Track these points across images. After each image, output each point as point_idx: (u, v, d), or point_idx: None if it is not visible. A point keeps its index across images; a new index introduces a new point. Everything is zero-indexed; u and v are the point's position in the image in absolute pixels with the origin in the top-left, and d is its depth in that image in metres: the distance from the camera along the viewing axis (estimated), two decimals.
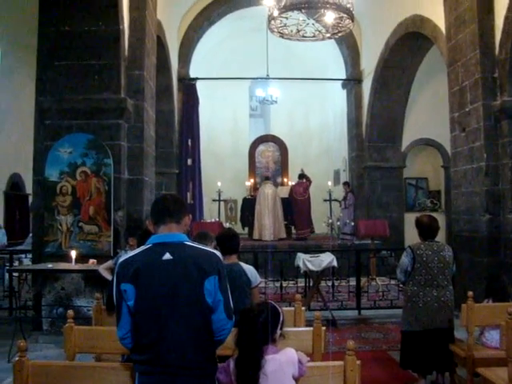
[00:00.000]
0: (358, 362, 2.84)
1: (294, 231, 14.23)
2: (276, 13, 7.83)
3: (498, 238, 7.65)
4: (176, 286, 2.58)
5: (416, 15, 10.52)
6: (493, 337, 4.82)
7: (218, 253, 2.76)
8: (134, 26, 8.05)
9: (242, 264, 4.55)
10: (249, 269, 4.53)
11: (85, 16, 7.49)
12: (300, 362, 2.77)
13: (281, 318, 2.89)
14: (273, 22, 8.09)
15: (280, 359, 2.75)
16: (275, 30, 8.34)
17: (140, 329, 2.61)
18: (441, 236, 5.41)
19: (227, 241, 4.53)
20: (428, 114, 13.16)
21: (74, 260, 6.74)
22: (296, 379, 2.77)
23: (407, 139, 13.97)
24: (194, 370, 2.58)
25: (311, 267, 8.33)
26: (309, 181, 14.13)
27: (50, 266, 6.75)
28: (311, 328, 3.64)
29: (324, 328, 3.66)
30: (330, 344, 5.89)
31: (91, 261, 6.93)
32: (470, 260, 7.86)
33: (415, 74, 12.93)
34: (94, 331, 3.80)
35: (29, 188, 12.09)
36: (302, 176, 14.26)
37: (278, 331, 2.86)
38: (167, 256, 2.60)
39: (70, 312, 3.63)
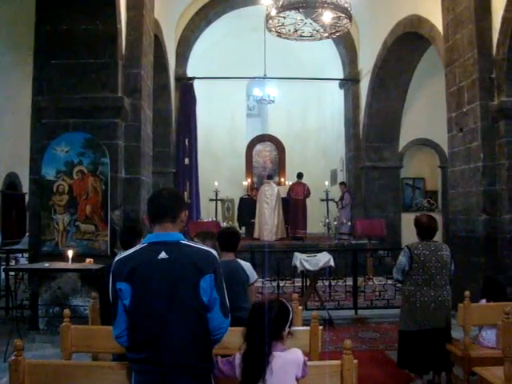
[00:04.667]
0: (355, 361, 2.83)
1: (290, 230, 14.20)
2: (274, 12, 7.83)
3: (494, 238, 7.66)
4: (172, 285, 2.56)
5: (414, 15, 10.52)
6: (489, 336, 4.82)
7: (213, 251, 2.75)
8: (131, 24, 8.01)
9: (240, 261, 4.58)
10: (246, 265, 4.58)
11: (82, 15, 7.46)
12: (305, 363, 2.76)
13: (290, 316, 2.89)
14: (270, 21, 8.08)
15: (286, 358, 2.75)
16: (273, 29, 8.34)
17: (136, 328, 2.60)
18: (438, 236, 5.41)
19: (226, 238, 4.63)
20: (425, 114, 13.15)
21: (70, 259, 6.70)
22: (298, 380, 2.76)
23: (404, 139, 13.98)
24: (189, 369, 2.57)
25: (308, 267, 8.34)
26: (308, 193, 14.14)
27: (46, 265, 6.72)
28: (308, 327, 3.63)
29: (321, 327, 3.66)
30: (327, 343, 5.89)
31: (88, 260, 6.91)
32: (467, 260, 7.87)
33: (413, 73, 12.93)
34: (90, 330, 3.79)
35: (25, 187, 12.04)
36: (300, 175, 14.26)
37: (287, 329, 2.85)
38: (163, 255, 2.59)
39: (67, 311, 3.61)
